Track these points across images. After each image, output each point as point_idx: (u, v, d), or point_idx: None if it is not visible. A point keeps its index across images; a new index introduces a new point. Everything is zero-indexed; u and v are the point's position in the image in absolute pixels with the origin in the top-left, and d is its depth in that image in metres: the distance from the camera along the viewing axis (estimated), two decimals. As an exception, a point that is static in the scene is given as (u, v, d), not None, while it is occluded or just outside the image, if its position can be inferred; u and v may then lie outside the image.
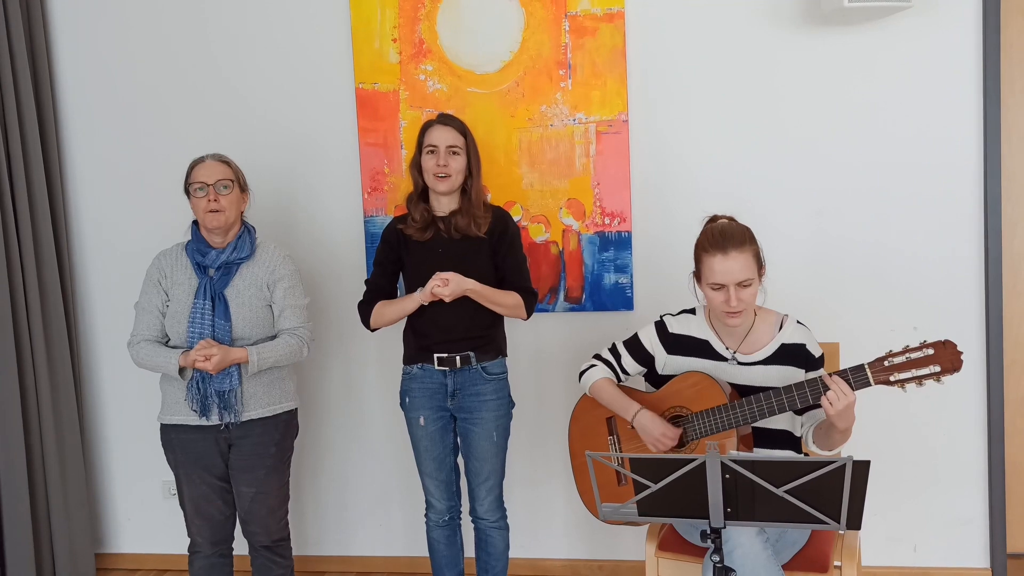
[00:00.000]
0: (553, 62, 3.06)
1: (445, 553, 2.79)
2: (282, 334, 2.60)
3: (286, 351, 2.57)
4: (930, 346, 2.11)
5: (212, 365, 2.43)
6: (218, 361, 2.43)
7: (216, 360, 2.43)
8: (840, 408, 2.13)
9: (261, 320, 2.58)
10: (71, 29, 3.36)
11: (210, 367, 2.43)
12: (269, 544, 2.66)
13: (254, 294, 2.57)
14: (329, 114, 3.23)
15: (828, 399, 2.14)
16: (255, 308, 2.57)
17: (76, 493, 3.34)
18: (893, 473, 3.05)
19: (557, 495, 3.27)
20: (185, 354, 2.49)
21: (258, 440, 2.58)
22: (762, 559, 2.10)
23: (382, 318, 2.67)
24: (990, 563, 3.06)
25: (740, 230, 2.30)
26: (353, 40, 3.16)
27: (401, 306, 2.63)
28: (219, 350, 2.44)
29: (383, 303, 2.68)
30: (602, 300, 3.13)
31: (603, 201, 3.09)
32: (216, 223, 2.54)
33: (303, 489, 3.41)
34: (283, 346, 2.57)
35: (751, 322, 2.38)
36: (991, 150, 2.91)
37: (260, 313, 2.58)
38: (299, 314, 2.63)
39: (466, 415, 2.66)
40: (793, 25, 2.97)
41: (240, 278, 2.57)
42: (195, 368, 2.47)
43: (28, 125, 3.20)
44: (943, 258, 2.98)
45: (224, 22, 3.26)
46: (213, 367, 2.43)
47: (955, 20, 2.90)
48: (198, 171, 2.58)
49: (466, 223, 2.60)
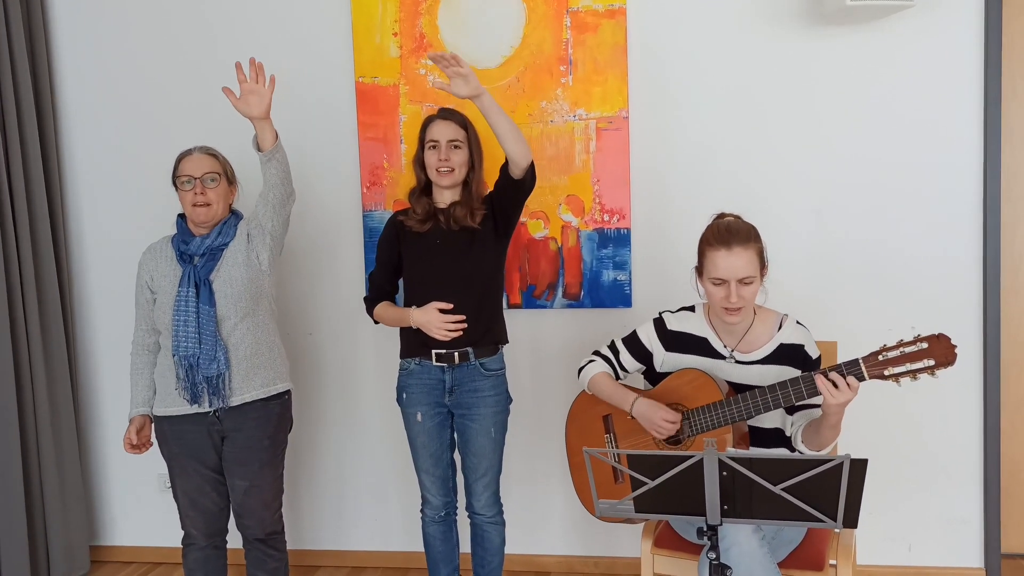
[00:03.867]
0: (554, 58, 3.06)
1: (441, 548, 2.79)
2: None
3: (287, 166, 2.55)
4: (924, 339, 2.12)
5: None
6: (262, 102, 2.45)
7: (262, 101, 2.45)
8: (843, 400, 2.13)
9: (249, 293, 2.54)
10: (70, 27, 3.36)
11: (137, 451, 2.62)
12: (263, 537, 2.65)
13: (241, 263, 2.54)
14: (329, 108, 3.22)
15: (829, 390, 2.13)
16: (242, 282, 2.53)
17: (72, 486, 3.34)
18: (889, 472, 3.06)
19: (554, 492, 3.27)
20: (130, 432, 2.61)
21: (252, 433, 2.57)
22: (758, 557, 2.10)
23: (381, 320, 2.74)
24: (984, 563, 3.07)
25: (746, 227, 2.30)
26: (354, 34, 3.16)
27: (398, 317, 2.67)
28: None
29: (383, 306, 2.73)
30: (600, 297, 3.12)
31: (603, 198, 3.09)
32: (203, 217, 2.53)
33: (298, 483, 3.41)
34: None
35: (750, 321, 2.38)
36: (991, 150, 2.91)
37: (247, 287, 2.54)
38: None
39: (464, 411, 2.66)
40: (795, 23, 2.97)
41: (224, 261, 2.54)
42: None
43: (27, 122, 3.19)
44: (942, 258, 2.98)
45: (224, 16, 3.26)
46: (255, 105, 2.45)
47: (957, 20, 2.90)
48: (185, 164, 2.56)
49: (464, 214, 2.61)
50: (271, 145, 2.49)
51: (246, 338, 2.54)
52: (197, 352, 2.48)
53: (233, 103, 2.45)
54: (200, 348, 2.48)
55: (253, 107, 2.45)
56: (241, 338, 2.54)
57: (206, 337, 2.48)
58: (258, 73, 2.45)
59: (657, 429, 2.33)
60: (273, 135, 2.49)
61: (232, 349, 2.53)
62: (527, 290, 3.16)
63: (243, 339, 2.54)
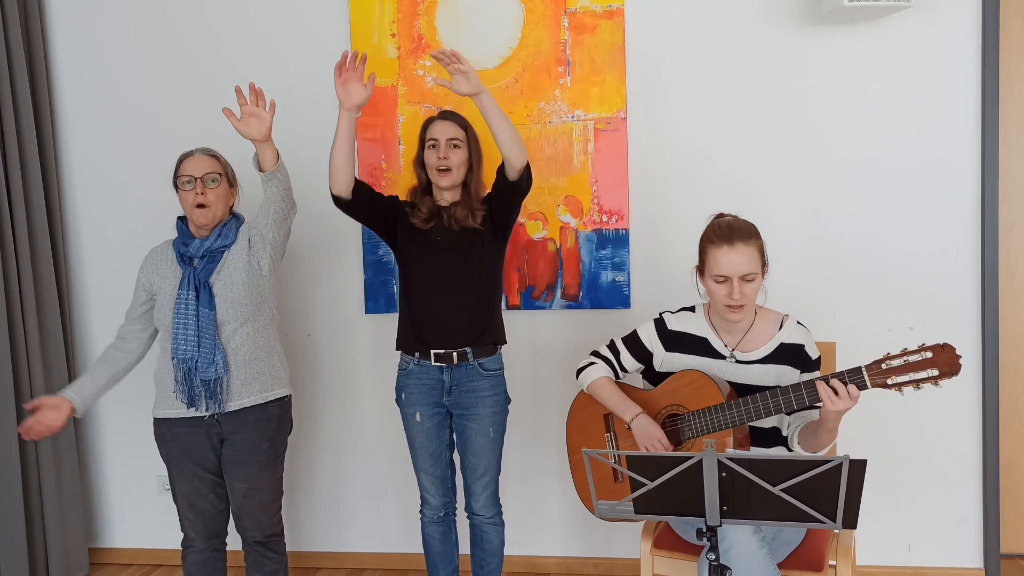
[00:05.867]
0: (552, 59, 3.06)
1: (440, 549, 2.79)
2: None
3: (288, 183, 2.55)
4: (928, 349, 2.10)
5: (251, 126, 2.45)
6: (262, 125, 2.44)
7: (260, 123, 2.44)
8: (842, 408, 2.12)
9: (250, 298, 2.53)
10: (68, 25, 3.35)
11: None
12: (262, 540, 2.65)
13: (242, 267, 2.53)
14: (327, 109, 3.22)
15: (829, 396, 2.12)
16: (243, 287, 2.52)
17: (70, 488, 3.33)
18: (888, 473, 3.06)
19: (553, 493, 3.27)
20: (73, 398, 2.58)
21: (251, 435, 2.56)
22: (758, 557, 2.10)
23: (333, 160, 2.53)
24: (983, 563, 3.07)
25: (747, 225, 2.31)
26: (352, 35, 3.15)
27: (338, 133, 2.51)
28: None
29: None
30: (599, 298, 3.12)
31: (601, 199, 3.09)
32: (204, 219, 2.52)
33: (297, 485, 3.40)
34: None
35: (751, 320, 2.38)
36: (989, 150, 2.91)
37: (248, 292, 2.53)
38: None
39: (462, 411, 2.66)
40: (792, 24, 2.97)
41: (225, 264, 2.53)
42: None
43: (24, 122, 3.18)
44: (940, 258, 2.98)
45: (223, 15, 3.26)
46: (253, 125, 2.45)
47: (954, 20, 2.90)
48: (186, 164, 2.56)
49: (465, 215, 2.61)
50: (272, 166, 2.49)
51: (246, 343, 2.53)
52: (196, 355, 2.48)
53: (234, 124, 2.44)
54: (199, 351, 2.48)
55: (253, 130, 2.45)
56: (241, 343, 2.53)
57: (205, 340, 2.48)
58: (258, 97, 2.45)
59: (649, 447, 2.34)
60: (275, 155, 2.49)
61: (231, 353, 2.52)
62: (526, 291, 3.16)
63: (243, 344, 2.53)
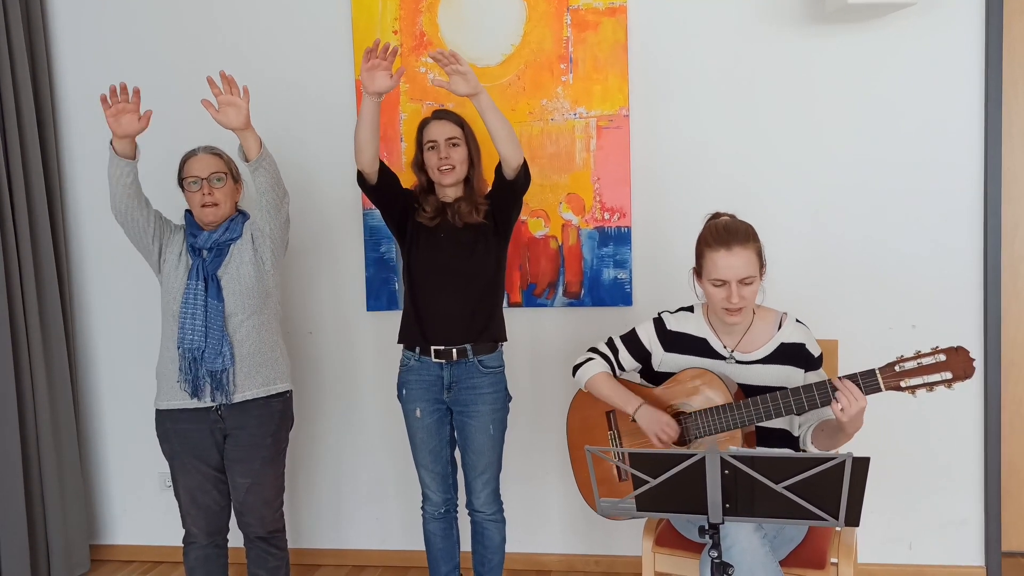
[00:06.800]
0: (554, 56, 3.06)
1: (441, 546, 2.79)
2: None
3: (276, 171, 2.54)
4: (942, 352, 2.09)
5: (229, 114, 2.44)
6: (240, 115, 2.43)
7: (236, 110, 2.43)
8: (852, 413, 2.12)
9: (256, 291, 2.56)
10: (70, 23, 3.35)
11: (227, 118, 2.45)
12: (264, 535, 2.65)
13: (248, 261, 2.56)
14: (329, 106, 3.22)
15: (839, 403, 2.12)
16: (250, 280, 2.55)
17: (72, 485, 3.33)
18: (890, 471, 3.06)
19: (554, 490, 3.27)
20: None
21: (254, 431, 2.57)
22: (760, 555, 2.09)
23: (357, 139, 2.55)
24: (985, 561, 3.07)
25: (744, 227, 2.28)
26: (354, 32, 3.15)
27: (361, 115, 2.51)
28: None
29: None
30: (601, 295, 3.12)
31: (603, 196, 3.08)
32: (211, 217, 2.55)
33: (298, 481, 3.40)
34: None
35: (750, 321, 2.37)
36: (992, 150, 2.91)
37: (255, 285, 2.56)
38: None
39: (462, 408, 2.66)
40: (796, 22, 2.97)
41: (232, 257, 2.56)
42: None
43: (26, 120, 3.18)
44: (942, 257, 2.98)
45: (227, 12, 3.26)
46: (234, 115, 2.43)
47: (958, 20, 2.90)
48: (191, 164, 2.57)
49: (468, 210, 2.62)
50: (256, 154, 2.49)
51: (251, 335, 2.55)
52: (203, 346, 2.49)
53: (213, 116, 2.44)
54: (206, 342, 2.49)
55: (232, 118, 2.45)
56: (246, 335, 2.55)
57: (213, 331, 2.49)
58: (231, 85, 2.45)
59: (657, 437, 2.33)
60: (258, 143, 2.49)
61: (237, 345, 2.53)
62: (528, 289, 3.16)
63: (248, 336, 2.55)
